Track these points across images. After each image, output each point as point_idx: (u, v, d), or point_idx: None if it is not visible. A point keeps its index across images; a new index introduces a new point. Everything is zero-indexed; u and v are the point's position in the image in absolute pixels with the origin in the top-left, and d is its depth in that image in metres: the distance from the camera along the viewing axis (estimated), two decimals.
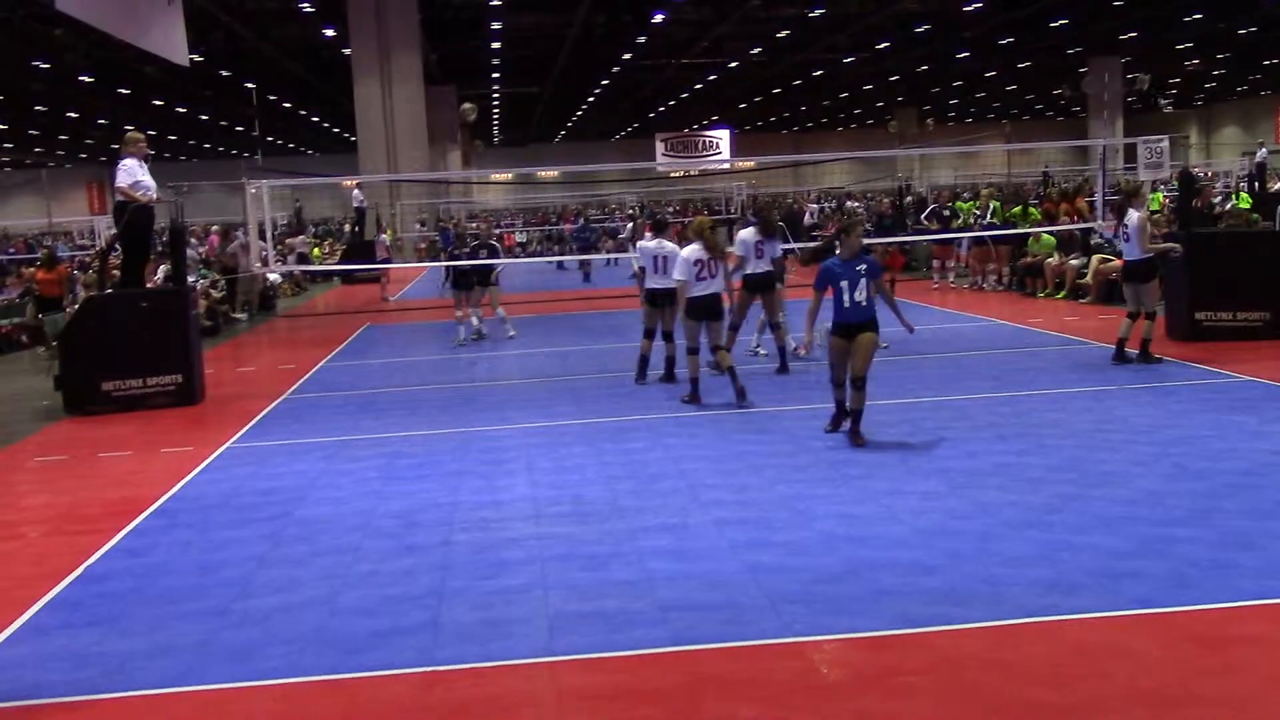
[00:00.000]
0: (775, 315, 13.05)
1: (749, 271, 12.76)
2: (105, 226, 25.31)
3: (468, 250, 17.45)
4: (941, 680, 4.89)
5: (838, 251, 9.21)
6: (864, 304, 8.94)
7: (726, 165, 50.62)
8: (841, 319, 9.02)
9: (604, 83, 51.12)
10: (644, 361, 12.49)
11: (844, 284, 8.94)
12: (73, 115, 51.96)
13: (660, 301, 12.19)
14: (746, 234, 13.07)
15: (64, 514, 8.37)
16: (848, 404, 9.22)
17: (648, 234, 13.17)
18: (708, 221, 12.42)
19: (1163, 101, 66.18)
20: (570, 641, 5.42)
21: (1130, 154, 21.84)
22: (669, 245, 12.24)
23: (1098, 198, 18.97)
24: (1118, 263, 18.07)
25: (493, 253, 17.70)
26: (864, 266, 9.01)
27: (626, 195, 50.37)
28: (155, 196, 13.03)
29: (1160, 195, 24.95)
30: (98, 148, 62.88)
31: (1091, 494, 7.43)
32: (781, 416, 10.39)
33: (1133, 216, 12.08)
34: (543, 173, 64.41)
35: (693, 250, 11.51)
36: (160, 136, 59.71)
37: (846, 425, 9.27)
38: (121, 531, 7.70)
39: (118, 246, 13.61)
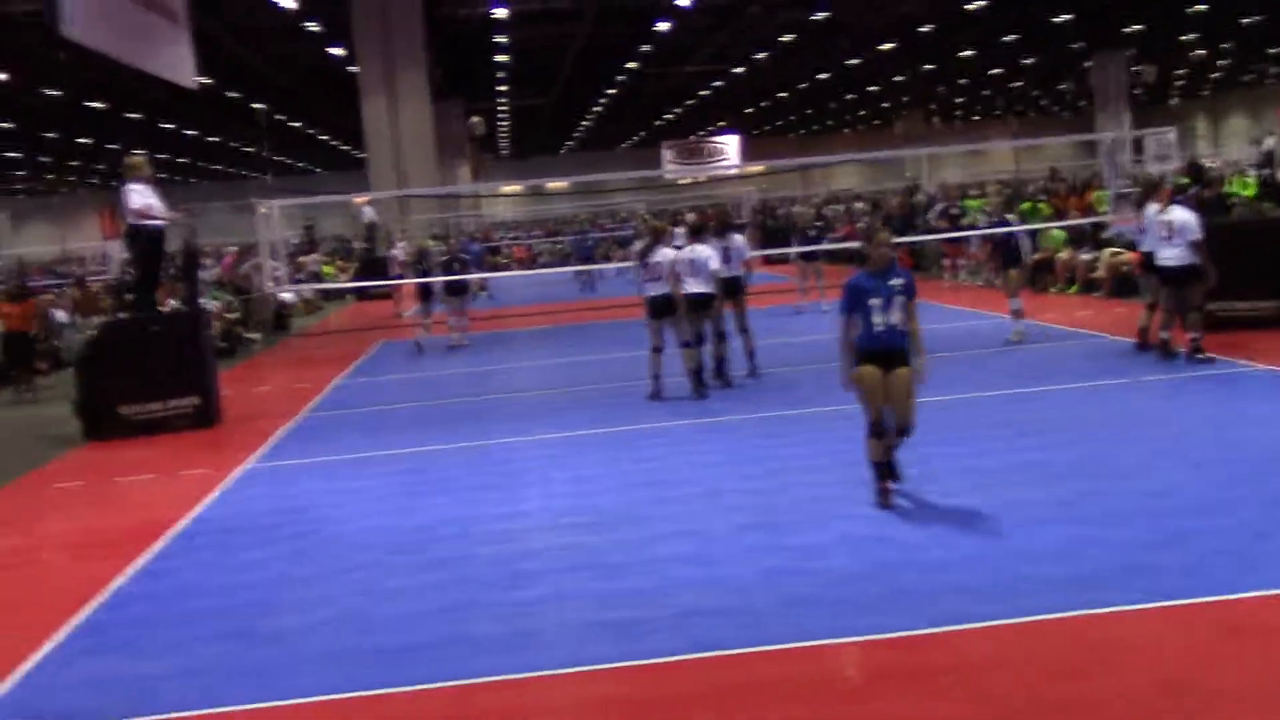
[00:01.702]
0: (743, 321, 12.94)
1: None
2: (118, 252, 25.36)
3: (439, 266, 18.24)
4: (965, 679, 4.88)
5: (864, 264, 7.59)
6: (899, 327, 7.33)
7: (735, 170, 50.70)
8: (872, 345, 7.34)
9: (610, 92, 51.20)
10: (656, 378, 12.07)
11: (874, 302, 7.30)
12: (84, 141, 52.24)
13: (694, 307, 11.88)
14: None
15: (85, 539, 8.42)
16: (879, 456, 7.45)
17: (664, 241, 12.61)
18: (660, 225, 12.63)
19: (1170, 93, 66.04)
20: (592, 651, 5.43)
21: (1138, 147, 21.81)
22: (700, 249, 12.07)
23: (1108, 192, 18.93)
24: (1130, 256, 18.07)
25: (464, 267, 18.46)
26: (900, 281, 7.36)
27: (636, 204, 50.38)
28: (167, 216, 13.10)
29: (1246, 180, 24.66)
30: (109, 173, 63.11)
31: (1111, 488, 7.41)
32: (798, 420, 10.39)
33: (1180, 214, 11.40)
34: (551, 184, 64.48)
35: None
36: (171, 160, 60.04)
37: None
38: (143, 555, 7.73)
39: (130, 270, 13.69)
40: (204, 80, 26.27)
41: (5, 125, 44.98)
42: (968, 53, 48.15)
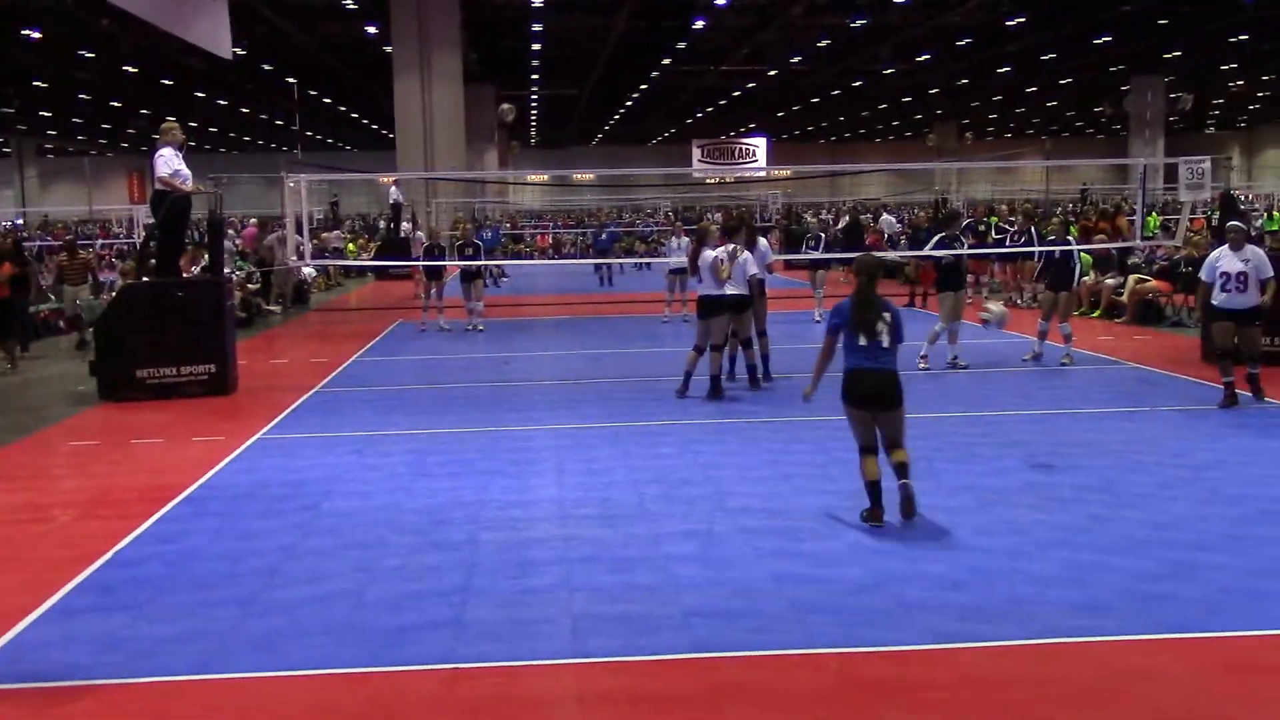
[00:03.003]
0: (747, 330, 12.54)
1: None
2: (144, 216, 25.37)
3: (455, 251, 18.84)
4: (966, 697, 4.86)
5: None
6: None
7: (762, 173, 50.65)
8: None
9: (643, 87, 51.18)
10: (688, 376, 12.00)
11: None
12: (116, 105, 52.48)
13: (733, 308, 11.87)
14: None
15: (96, 499, 8.44)
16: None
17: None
18: (706, 225, 12.79)
19: (1205, 122, 65.60)
20: (594, 644, 5.42)
21: (1171, 174, 21.73)
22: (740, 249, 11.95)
23: (1136, 217, 18.87)
24: (1155, 284, 18.00)
25: (476, 252, 18.72)
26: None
27: (661, 200, 50.37)
28: (192, 186, 13.13)
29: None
30: (139, 138, 63.40)
31: (1122, 515, 7.37)
32: (813, 427, 10.35)
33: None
34: (578, 175, 64.56)
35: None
36: (201, 128, 60.29)
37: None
38: (152, 517, 7.77)
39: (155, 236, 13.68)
40: (239, 51, 26.38)
41: (39, 84, 45.21)
42: (1005, 69, 47.97)
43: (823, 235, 21.41)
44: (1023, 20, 36.37)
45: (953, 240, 14.03)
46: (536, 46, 40.28)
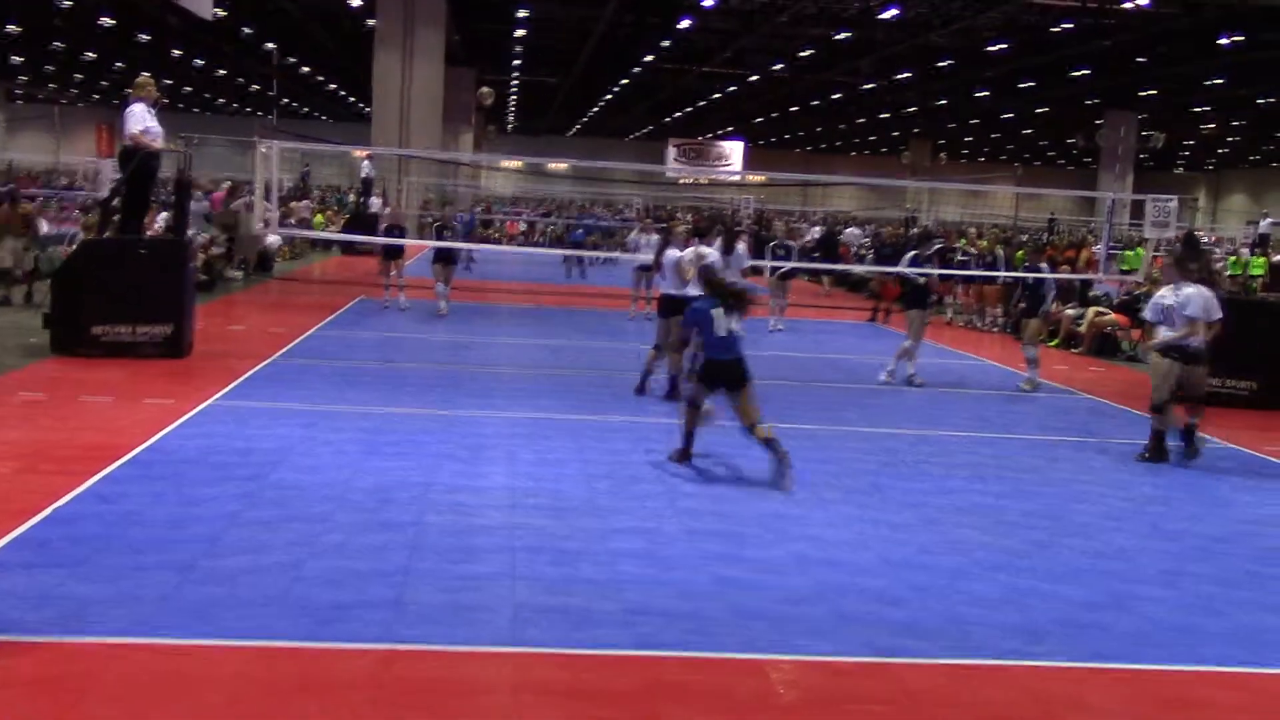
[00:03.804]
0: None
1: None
2: (111, 170, 24.98)
3: (433, 232, 19.21)
4: (897, 711, 4.90)
5: None
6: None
7: (736, 177, 50.73)
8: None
9: (623, 81, 51.10)
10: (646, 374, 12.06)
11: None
12: (90, 56, 51.77)
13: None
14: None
15: (38, 452, 8.32)
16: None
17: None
18: (673, 224, 12.96)
19: (1174, 162, 66.40)
20: (533, 634, 5.42)
21: (1137, 210, 21.98)
22: (704, 251, 11.96)
23: (1101, 249, 19.08)
24: (1113, 317, 18.20)
25: (455, 235, 19.18)
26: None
27: (634, 196, 50.30)
28: (161, 144, 12.97)
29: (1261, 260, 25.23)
30: (112, 91, 62.60)
31: (1064, 543, 7.45)
32: None
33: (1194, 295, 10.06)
34: (553, 165, 64.36)
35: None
36: (175, 87, 59.61)
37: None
38: (95, 476, 7.66)
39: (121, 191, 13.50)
40: (219, 12, 26.08)
41: (11, 28, 44.52)
42: (983, 93, 48.34)
43: (792, 245, 21.41)
44: (1004, 46, 36.65)
45: (925, 260, 14.19)
46: (521, 33, 40.11)
